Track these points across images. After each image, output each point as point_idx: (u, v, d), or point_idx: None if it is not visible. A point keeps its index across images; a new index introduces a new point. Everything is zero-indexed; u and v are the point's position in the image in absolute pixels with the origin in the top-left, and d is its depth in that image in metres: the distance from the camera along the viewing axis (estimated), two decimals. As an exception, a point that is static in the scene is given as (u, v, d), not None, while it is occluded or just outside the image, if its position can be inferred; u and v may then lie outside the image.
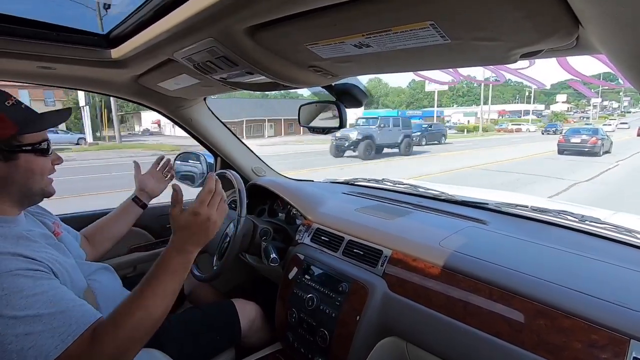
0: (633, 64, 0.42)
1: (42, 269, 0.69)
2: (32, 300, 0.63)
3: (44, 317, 0.62)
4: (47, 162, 0.81)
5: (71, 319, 0.64)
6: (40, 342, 0.60)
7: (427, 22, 0.50)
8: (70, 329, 0.63)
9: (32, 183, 0.78)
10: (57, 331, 0.62)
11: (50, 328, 0.61)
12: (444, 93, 78.25)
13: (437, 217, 1.18)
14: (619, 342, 0.60)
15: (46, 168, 0.81)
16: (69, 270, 0.78)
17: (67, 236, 0.94)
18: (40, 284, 0.66)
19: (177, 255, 0.75)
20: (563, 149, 14.14)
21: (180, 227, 0.76)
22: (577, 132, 14.34)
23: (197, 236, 0.76)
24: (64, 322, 0.63)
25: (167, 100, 1.40)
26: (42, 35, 0.85)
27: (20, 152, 0.74)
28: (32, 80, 1.19)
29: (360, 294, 0.96)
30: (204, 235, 0.77)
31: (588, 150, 13.40)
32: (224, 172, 1.27)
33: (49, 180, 0.83)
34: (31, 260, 0.69)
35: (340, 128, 1.08)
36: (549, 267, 0.80)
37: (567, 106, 66.49)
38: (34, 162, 0.77)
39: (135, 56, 0.93)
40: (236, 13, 0.59)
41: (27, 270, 0.66)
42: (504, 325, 0.73)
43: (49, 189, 0.83)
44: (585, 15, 0.40)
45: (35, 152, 0.77)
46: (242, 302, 1.22)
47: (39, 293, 0.64)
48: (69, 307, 0.65)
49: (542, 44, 0.52)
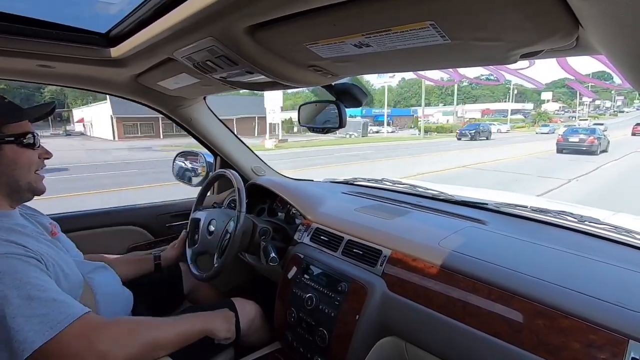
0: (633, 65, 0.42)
1: (35, 256, 0.70)
2: (24, 282, 0.63)
3: (34, 302, 0.62)
4: (34, 155, 0.82)
5: (61, 308, 0.64)
6: (27, 327, 0.60)
7: (427, 22, 0.50)
8: (60, 317, 0.63)
9: (18, 175, 0.79)
10: (46, 318, 0.61)
11: (39, 314, 0.61)
12: (433, 92, 77.35)
13: (436, 217, 1.18)
14: (618, 343, 0.61)
15: (32, 161, 0.82)
16: (62, 265, 0.78)
17: (63, 237, 0.94)
18: (32, 269, 0.66)
19: (204, 321, 0.92)
20: (562, 147, 14.55)
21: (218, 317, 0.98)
22: (576, 132, 14.77)
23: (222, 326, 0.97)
24: (55, 309, 0.63)
25: (166, 99, 1.40)
26: (41, 34, 0.85)
27: (3, 142, 0.76)
28: (32, 79, 1.18)
29: (360, 293, 0.96)
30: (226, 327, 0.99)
31: (586, 149, 13.80)
32: (224, 172, 1.27)
33: (38, 177, 0.84)
34: (23, 248, 0.69)
35: (340, 127, 1.08)
36: (548, 267, 0.80)
37: (558, 105, 65.26)
38: (19, 153, 0.79)
39: (135, 55, 0.93)
40: (236, 12, 0.59)
41: (20, 255, 0.66)
42: (503, 325, 0.73)
43: (38, 185, 0.83)
44: (585, 16, 0.40)
45: (20, 144, 0.79)
46: (242, 301, 1.22)
47: (31, 277, 0.64)
48: (59, 298, 0.65)
49: (542, 45, 0.52)
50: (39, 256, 0.71)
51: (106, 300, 0.89)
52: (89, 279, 0.89)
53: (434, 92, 77.71)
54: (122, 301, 0.98)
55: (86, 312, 0.67)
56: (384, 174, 1.82)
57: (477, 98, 76.09)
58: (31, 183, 0.82)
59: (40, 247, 0.75)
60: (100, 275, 0.95)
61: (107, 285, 0.94)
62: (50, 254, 0.76)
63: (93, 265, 0.96)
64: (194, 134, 1.62)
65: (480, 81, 47.29)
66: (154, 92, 1.31)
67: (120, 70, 1.07)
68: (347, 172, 8.85)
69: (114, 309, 0.92)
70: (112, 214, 1.53)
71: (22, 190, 0.81)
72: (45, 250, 0.76)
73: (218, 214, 1.27)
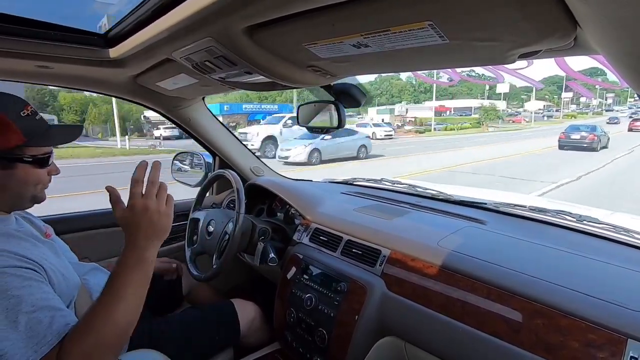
0: (630, 64, 0.43)
1: (32, 267, 0.68)
2: (15, 301, 0.61)
3: (20, 324, 0.60)
4: (44, 173, 0.79)
5: (49, 328, 0.63)
6: (13, 351, 0.59)
7: (425, 22, 0.50)
8: (45, 339, 0.61)
9: (24, 191, 0.76)
10: (32, 341, 0.60)
11: (25, 337, 0.60)
12: (405, 89, 73.10)
13: (435, 217, 1.19)
14: (616, 342, 0.61)
15: (41, 179, 0.79)
16: (61, 269, 0.77)
17: (57, 239, 0.94)
18: (28, 285, 0.64)
19: (130, 254, 0.70)
20: (563, 144, 14.85)
21: (124, 226, 0.72)
22: (577, 129, 15.06)
23: (144, 231, 0.71)
24: (40, 331, 0.62)
25: (165, 99, 1.40)
26: (40, 35, 0.85)
27: (20, 162, 0.73)
28: (30, 80, 1.18)
29: (359, 293, 0.96)
30: (151, 228, 0.72)
31: (587, 145, 14.08)
32: (223, 172, 1.27)
33: (42, 190, 0.81)
34: (21, 258, 0.68)
35: (339, 127, 1.08)
36: (547, 266, 0.81)
37: (543, 104, 61.92)
38: (31, 173, 0.76)
39: (134, 55, 0.93)
40: (235, 13, 0.59)
41: (15, 269, 0.65)
42: (502, 324, 0.73)
43: (40, 195, 0.81)
44: (583, 16, 0.40)
45: (34, 164, 0.76)
46: (241, 302, 1.22)
47: (23, 295, 0.63)
48: (49, 315, 0.64)
49: (541, 45, 0.52)
50: (37, 265, 0.70)
51: None
52: (84, 280, 0.88)
53: (406, 89, 73.69)
54: None
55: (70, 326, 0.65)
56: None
57: (453, 95, 73.01)
58: (35, 195, 0.79)
59: (38, 251, 0.74)
60: (95, 276, 0.95)
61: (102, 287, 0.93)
62: (49, 258, 0.75)
63: (87, 267, 0.95)
64: (192, 134, 1.62)
65: (467, 78, 45.56)
66: (153, 93, 1.31)
67: (119, 71, 1.07)
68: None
69: None
70: (109, 215, 1.53)
71: (24, 202, 0.79)
72: (43, 254, 0.75)
73: (217, 215, 1.27)
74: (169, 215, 0.75)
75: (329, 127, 1.10)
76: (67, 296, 0.78)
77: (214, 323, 1.14)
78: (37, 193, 0.80)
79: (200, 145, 1.68)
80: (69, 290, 0.78)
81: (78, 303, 0.82)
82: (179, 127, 1.61)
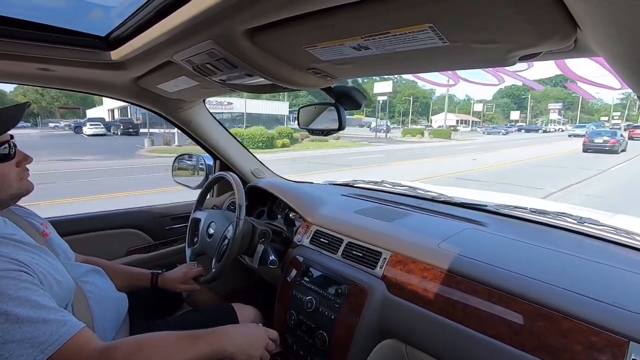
0: (630, 67, 0.43)
1: (25, 270, 0.67)
2: (14, 304, 0.61)
3: (24, 325, 0.60)
4: (10, 167, 0.73)
5: (52, 328, 0.62)
6: (17, 353, 0.58)
7: (425, 24, 0.50)
8: (52, 338, 0.61)
9: None
10: (37, 341, 0.60)
11: (29, 337, 0.59)
12: (392, 97, 72.20)
13: (436, 219, 1.18)
14: (618, 344, 0.60)
15: (9, 174, 0.73)
16: (53, 272, 0.75)
17: (56, 237, 0.93)
18: (23, 287, 0.64)
19: (219, 349, 0.77)
20: (587, 147, 16.31)
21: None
22: (599, 134, 16.73)
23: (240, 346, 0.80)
24: (45, 331, 0.61)
25: (166, 102, 1.40)
26: (41, 38, 0.85)
27: None
28: (32, 82, 1.19)
29: (360, 296, 0.96)
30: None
31: (609, 149, 15.73)
32: (224, 175, 1.27)
33: (22, 183, 0.77)
34: (12, 261, 0.66)
35: (340, 130, 1.08)
36: (548, 269, 0.80)
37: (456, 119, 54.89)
38: None
39: (135, 58, 0.93)
40: (235, 15, 0.59)
41: (9, 271, 0.64)
42: (503, 327, 0.73)
43: (22, 190, 0.77)
44: (583, 18, 0.40)
45: None
46: (241, 306, 1.22)
47: (21, 297, 0.62)
48: (50, 317, 0.63)
49: (541, 47, 0.52)
50: (29, 269, 0.68)
51: (99, 303, 0.87)
52: (81, 282, 0.86)
53: (393, 97, 72.04)
54: (115, 304, 0.96)
55: (80, 330, 0.65)
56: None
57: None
58: (14, 193, 0.75)
59: (28, 257, 0.71)
60: (93, 278, 0.93)
61: (100, 289, 0.91)
62: (40, 264, 0.73)
63: (85, 269, 0.94)
64: (193, 137, 1.62)
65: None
66: (154, 95, 1.31)
67: (120, 73, 1.08)
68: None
69: (108, 313, 0.90)
70: (111, 217, 1.53)
71: (5, 202, 0.75)
72: (34, 260, 0.73)
73: (218, 217, 1.26)
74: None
75: (329, 129, 1.10)
76: (63, 299, 0.77)
77: (213, 326, 1.13)
78: (14, 190, 0.75)
79: (200, 147, 1.68)
80: (64, 294, 0.77)
81: (75, 305, 0.81)
82: (180, 130, 1.61)
